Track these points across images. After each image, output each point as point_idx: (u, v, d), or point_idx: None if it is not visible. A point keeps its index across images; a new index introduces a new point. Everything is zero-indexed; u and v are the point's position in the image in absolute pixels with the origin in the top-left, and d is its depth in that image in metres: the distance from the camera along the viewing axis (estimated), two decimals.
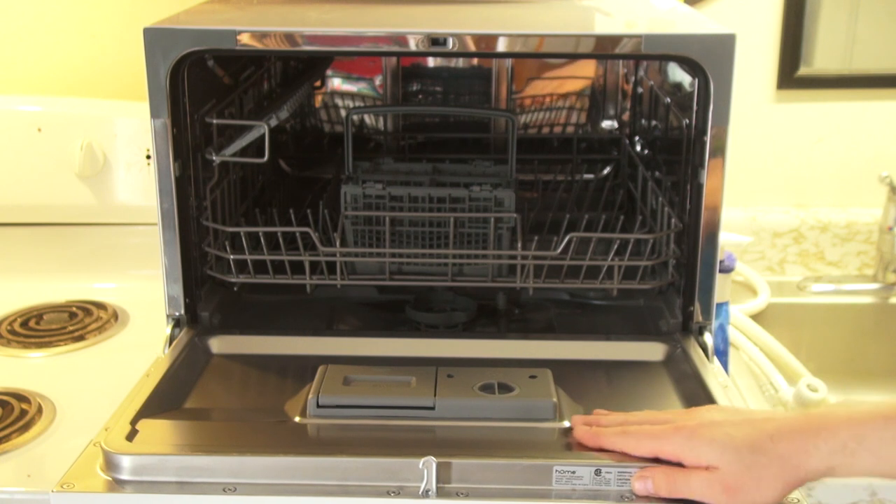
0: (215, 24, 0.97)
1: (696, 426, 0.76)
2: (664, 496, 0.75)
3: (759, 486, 0.72)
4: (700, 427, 0.76)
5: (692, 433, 0.75)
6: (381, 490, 0.77)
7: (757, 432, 0.73)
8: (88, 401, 1.08)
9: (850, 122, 1.62)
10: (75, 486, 0.77)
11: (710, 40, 0.93)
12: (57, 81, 1.52)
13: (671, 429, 0.77)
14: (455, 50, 0.94)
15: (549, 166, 1.46)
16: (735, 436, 0.74)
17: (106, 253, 1.46)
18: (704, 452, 0.74)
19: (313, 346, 1.04)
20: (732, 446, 0.73)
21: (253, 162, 1.14)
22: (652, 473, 0.76)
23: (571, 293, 1.19)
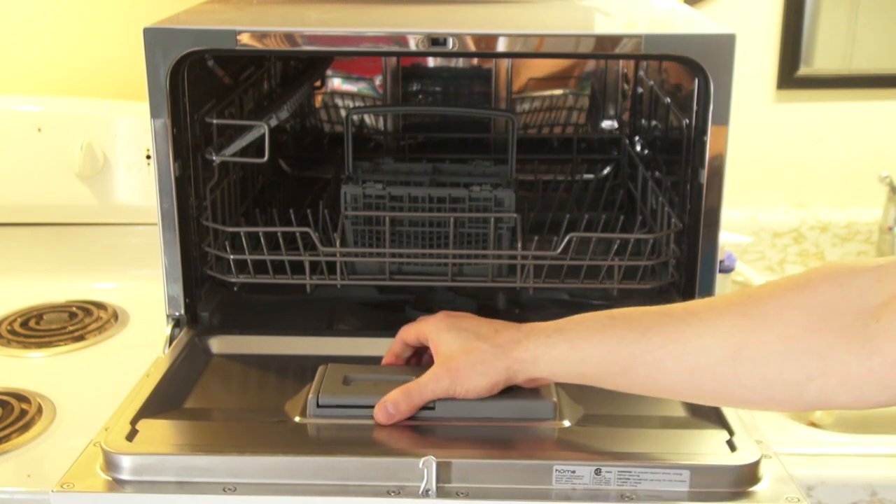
0: (215, 24, 0.97)
1: (454, 315, 0.86)
2: (406, 411, 0.82)
3: (473, 366, 0.81)
4: (452, 316, 0.86)
5: (444, 318, 0.85)
6: (381, 490, 0.77)
7: (489, 328, 0.83)
8: (88, 401, 1.08)
9: (850, 122, 1.62)
10: (75, 486, 0.77)
11: (710, 40, 0.93)
12: (57, 81, 1.52)
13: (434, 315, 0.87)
14: (455, 50, 0.94)
15: (549, 166, 1.46)
16: (472, 328, 0.83)
17: (106, 253, 1.46)
18: (445, 333, 0.83)
19: (313, 346, 1.04)
20: (464, 333, 0.82)
21: (253, 162, 1.14)
22: (388, 397, 0.83)
23: (571, 293, 1.19)
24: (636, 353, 0.75)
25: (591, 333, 0.77)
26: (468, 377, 0.81)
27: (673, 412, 0.91)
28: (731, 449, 0.80)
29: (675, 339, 0.73)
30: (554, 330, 0.79)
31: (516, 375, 0.80)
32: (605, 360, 0.76)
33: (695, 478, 0.77)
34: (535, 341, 0.79)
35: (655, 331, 0.74)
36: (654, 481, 0.77)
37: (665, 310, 0.76)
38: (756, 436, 0.82)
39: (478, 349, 0.81)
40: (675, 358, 0.73)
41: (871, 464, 1.05)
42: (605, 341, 0.76)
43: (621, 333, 0.76)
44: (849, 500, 1.03)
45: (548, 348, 0.78)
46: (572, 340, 0.77)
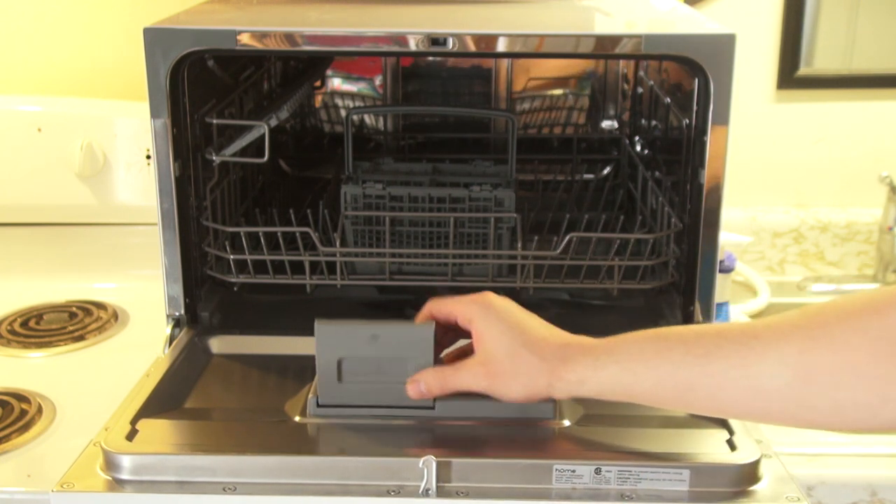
0: (215, 24, 0.97)
1: (496, 300, 0.82)
2: (437, 394, 0.82)
3: (515, 376, 0.79)
4: (500, 301, 0.82)
5: (490, 305, 0.81)
6: (381, 489, 0.77)
7: (535, 331, 0.80)
8: (88, 401, 1.08)
9: (850, 122, 1.62)
10: (75, 485, 0.77)
11: (710, 40, 0.93)
12: (57, 81, 1.52)
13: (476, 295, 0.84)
14: (455, 50, 0.94)
15: (549, 166, 1.46)
16: (519, 325, 0.80)
17: (106, 253, 1.46)
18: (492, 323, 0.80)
19: (313, 346, 1.04)
20: (511, 333, 0.79)
21: (253, 162, 1.14)
22: (423, 376, 0.82)
23: (571, 293, 1.19)
24: (694, 378, 0.73)
25: (645, 356, 0.75)
26: (508, 385, 0.79)
27: (673, 412, 0.91)
28: (731, 448, 0.80)
29: (736, 364, 0.71)
30: (603, 351, 0.77)
31: (557, 392, 0.79)
32: (660, 384, 0.74)
33: (695, 477, 0.77)
34: (583, 363, 0.77)
35: (716, 355, 0.72)
36: (654, 481, 0.77)
37: (721, 331, 0.74)
38: (756, 435, 0.82)
39: (523, 359, 0.78)
40: (737, 382, 0.71)
41: (871, 464, 1.05)
42: (660, 365, 0.74)
43: (678, 357, 0.73)
44: (849, 500, 1.03)
45: (596, 370, 0.76)
46: (623, 363, 0.75)
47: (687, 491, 0.77)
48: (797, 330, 0.70)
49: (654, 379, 0.74)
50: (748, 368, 0.71)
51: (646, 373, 0.74)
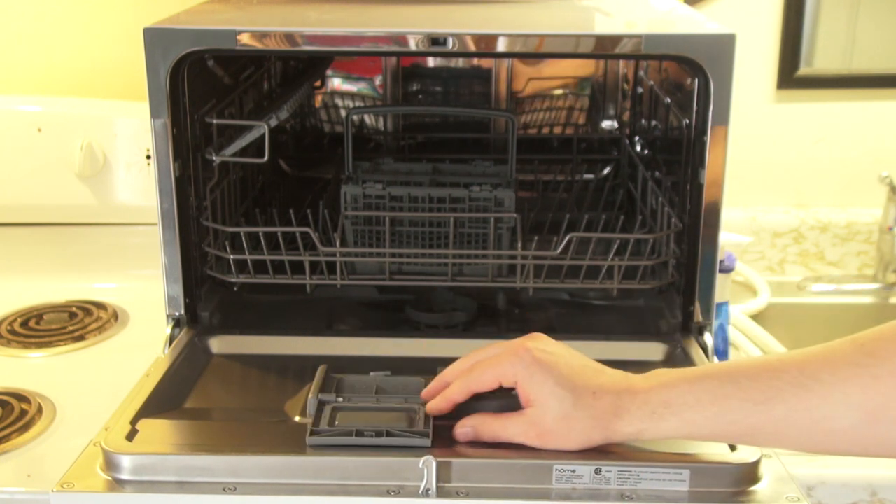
0: (215, 24, 0.97)
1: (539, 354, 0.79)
2: (485, 440, 0.80)
3: (568, 434, 0.77)
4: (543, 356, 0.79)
5: (533, 361, 0.79)
6: (381, 489, 0.76)
7: (584, 383, 0.78)
8: (88, 401, 1.08)
9: (850, 122, 1.62)
10: (75, 485, 0.77)
11: (710, 40, 0.93)
12: (57, 81, 1.52)
13: (508, 352, 0.80)
14: (455, 50, 0.94)
15: (549, 166, 1.46)
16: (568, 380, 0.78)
17: (106, 253, 1.46)
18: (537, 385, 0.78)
19: (313, 346, 1.04)
20: (560, 394, 0.77)
21: (253, 162, 1.14)
22: (471, 422, 0.81)
23: (571, 293, 1.19)
24: (757, 425, 0.72)
25: (702, 405, 0.74)
26: (561, 443, 0.78)
27: None
28: (731, 448, 0.80)
29: (798, 408, 0.70)
30: (659, 403, 0.75)
31: (613, 444, 0.78)
32: (722, 432, 0.74)
33: (695, 477, 0.77)
34: (638, 416, 0.75)
35: (776, 399, 0.71)
36: (654, 481, 0.77)
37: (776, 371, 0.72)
38: None
39: (575, 420, 0.77)
40: (801, 426, 0.71)
41: (871, 464, 1.05)
42: (720, 415, 0.73)
43: (737, 405, 0.73)
44: (849, 500, 1.03)
45: (653, 423, 0.75)
46: (682, 414, 0.74)
47: (687, 491, 0.77)
48: (857, 369, 0.69)
49: (714, 427, 0.74)
50: (812, 412, 0.70)
51: (705, 423, 0.74)
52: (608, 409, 0.76)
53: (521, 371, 0.79)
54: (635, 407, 0.76)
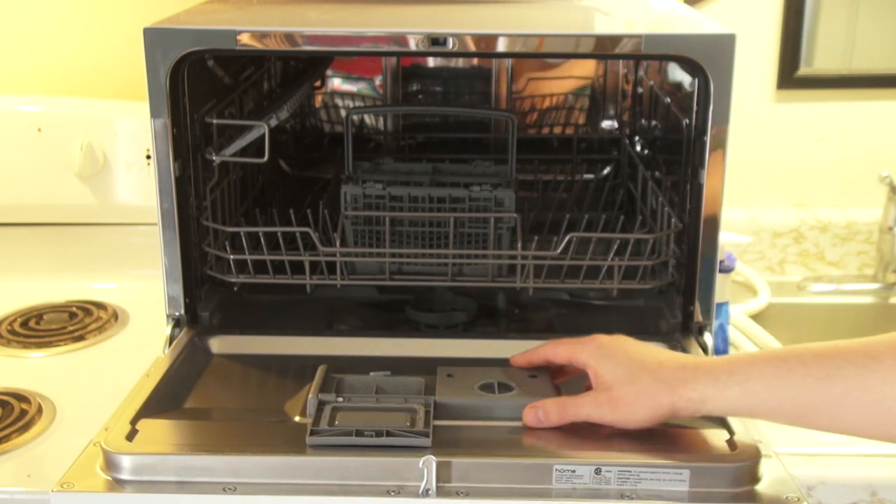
0: (215, 24, 0.97)
1: (606, 340, 0.86)
2: (555, 422, 0.83)
3: (637, 400, 0.80)
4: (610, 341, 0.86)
5: (602, 345, 0.85)
6: (381, 489, 0.76)
7: (651, 358, 0.82)
8: (88, 401, 1.08)
9: (850, 122, 1.62)
10: (75, 485, 0.77)
11: (710, 40, 0.93)
12: (57, 81, 1.52)
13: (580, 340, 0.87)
14: (455, 50, 0.94)
15: (549, 166, 1.46)
16: (633, 356, 0.83)
17: (106, 253, 1.46)
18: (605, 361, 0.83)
19: (313, 346, 1.04)
20: (628, 362, 0.82)
21: (253, 162, 1.14)
22: (543, 404, 0.84)
23: (571, 293, 1.19)
24: (817, 401, 0.74)
25: (766, 378, 0.76)
26: (631, 409, 0.80)
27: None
28: (731, 448, 0.80)
29: (859, 386, 0.72)
30: (723, 371, 0.78)
31: (680, 412, 0.79)
32: (782, 405, 0.75)
33: (695, 477, 0.77)
34: (703, 382, 0.78)
35: (837, 377, 0.73)
36: (654, 481, 0.77)
37: (840, 351, 0.74)
38: (756, 435, 0.82)
39: (642, 381, 0.80)
40: (860, 405, 0.72)
41: (871, 464, 1.05)
42: (781, 387, 0.75)
43: (799, 379, 0.74)
44: (849, 500, 1.03)
45: (717, 390, 0.77)
46: (744, 384, 0.76)
47: (687, 491, 0.77)
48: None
49: (776, 400, 0.75)
50: (871, 392, 0.71)
51: (767, 393, 0.75)
52: (674, 375, 0.79)
53: (592, 351, 0.85)
54: (700, 374, 0.78)
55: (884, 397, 0.71)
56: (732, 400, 0.77)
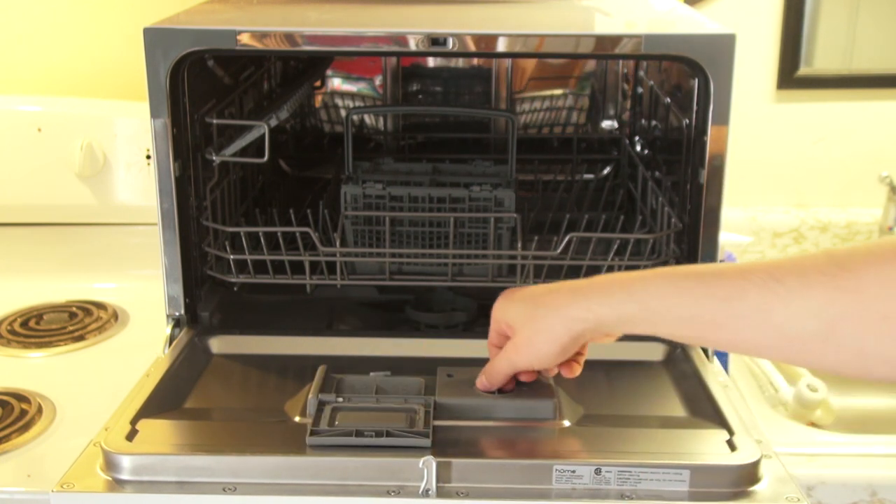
0: (215, 24, 0.97)
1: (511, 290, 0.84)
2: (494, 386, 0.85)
3: (536, 335, 0.79)
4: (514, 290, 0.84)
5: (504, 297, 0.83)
6: (381, 490, 0.76)
7: (544, 290, 0.80)
8: (88, 401, 1.08)
9: (850, 122, 1.62)
10: (75, 486, 0.77)
11: (710, 40, 0.93)
12: (57, 81, 1.52)
13: None
14: (455, 50, 0.94)
15: (549, 166, 1.46)
16: (530, 295, 0.81)
17: (106, 253, 1.46)
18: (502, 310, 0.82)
19: (313, 346, 1.04)
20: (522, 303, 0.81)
21: (253, 162, 1.14)
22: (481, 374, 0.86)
23: None
24: (718, 321, 0.71)
25: (664, 296, 0.73)
26: (533, 348, 0.79)
27: (673, 412, 0.91)
28: (731, 449, 0.80)
29: (759, 308, 0.69)
30: (619, 289, 0.75)
31: (580, 336, 0.77)
32: (682, 324, 0.73)
33: (695, 477, 0.77)
34: (597, 301, 0.76)
35: (740, 298, 0.70)
36: (654, 481, 0.77)
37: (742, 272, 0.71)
38: (756, 436, 0.82)
39: (536, 316, 0.79)
40: (759, 327, 0.69)
41: (871, 464, 1.05)
42: (680, 306, 0.72)
43: (699, 300, 0.71)
44: (849, 500, 1.03)
45: (612, 308, 0.75)
46: (642, 302, 0.74)
47: (687, 491, 0.77)
48: (823, 277, 0.67)
49: (675, 318, 0.73)
50: (771, 314, 0.69)
51: (666, 312, 0.73)
52: (564, 300, 0.77)
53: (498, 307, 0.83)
54: (593, 293, 0.76)
55: (785, 320, 0.68)
56: (630, 318, 0.75)
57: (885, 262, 0.66)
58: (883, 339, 0.65)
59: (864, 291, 0.66)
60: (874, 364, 0.67)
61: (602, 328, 0.77)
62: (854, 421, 1.49)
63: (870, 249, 0.67)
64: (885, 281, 0.65)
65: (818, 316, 0.67)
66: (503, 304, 0.83)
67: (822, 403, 1.35)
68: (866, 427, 1.49)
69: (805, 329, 0.68)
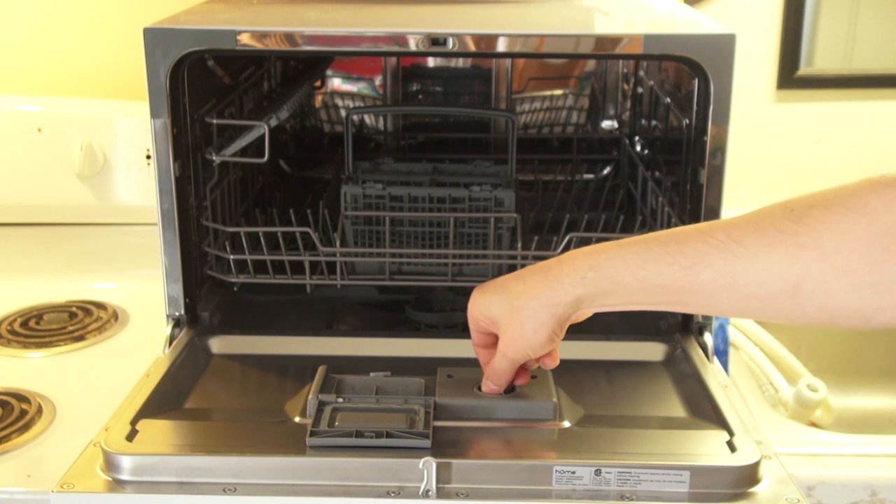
0: (215, 24, 0.97)
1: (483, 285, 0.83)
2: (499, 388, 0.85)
3: (523, 329, 0.78)
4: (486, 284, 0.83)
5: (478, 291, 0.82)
6: (381, 490, 0.77)
7: (511, 280, 0.79)
8: (88, 401, 1.08)
9: (850, 122, 1.62)
10: (75, 486, 0.77)
11: (710, 40, 0.93)
12: (57, 81, 1.52)
13: None
14: (455, 50, 0.94)
15: (549, 166, 1.46)
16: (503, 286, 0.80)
17: (106, 253, 1.46)
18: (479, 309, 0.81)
19: (313, 346, 1.04)
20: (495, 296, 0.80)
21: (253, 162, 1.14)
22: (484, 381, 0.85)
23: None
24: (687, 289, 0.71)
25: (632, 270, 0.73)
26: (524, 340, 0.79)
27: (673, 412, 0.91)
28: (731, 449, 0.80)
29: (724, 273, 0.69)
30: (588, 268, 0.75)
31: (564, 318, 0.78)
32: (654, 295, 0.73)
33: (695, 478, 0.77)
34: (569, 283, 0.75)
35: (704, 264, 0.70)
36: (654, 482, 0.77)
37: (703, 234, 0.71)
38: (756, 436, 0.82)
39: (519, 309, 0.78)
40: (727, 291, 0.70)
41: (871, 464, 1.05)
42: (649, 277, 0.72)
43: (666, 269, 0.72)
44: (849, 500, 1.03)
45: (587, 289, 0.75)
46: (613, 278, 0.74)
47: (687, 492, 0.77)
48: (782, 235, 0.68)
49: (646, 290, 0.73)
50: (737, 277, 0.69)
51: (637, 284, 0.73)
52: (541, 285, 0.77)
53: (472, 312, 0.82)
54: (564, 275, 0.76)
55: (749, 282, 0.68)
56: (605, 293, 0.75)
57: (843, 213, 0.66)
58: (846, 293, 0.66)
59: (821, 246, 0.66)
60: (840, 317, 0.67)
61: (584, 306, 0.77)
62: (854, 421, 1.49)
63: (828, 201, 0.67)
64: (844, 233, 0.65)
65: (781, 275, 0.67)
66: (478, 301, 0.82)
67: (822, 403, 1.35)
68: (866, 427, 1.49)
69: (771, 289, 0.68)
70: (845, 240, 0.65)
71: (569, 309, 0.77)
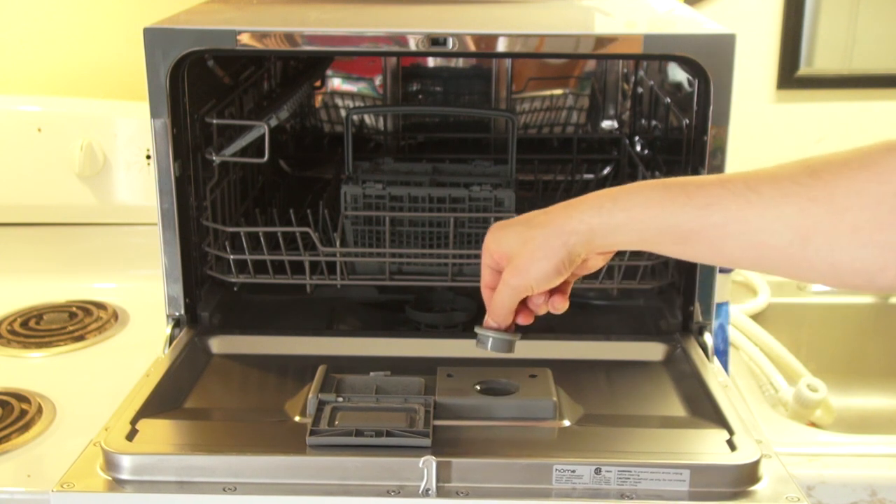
0: (215, 24, 0.97)
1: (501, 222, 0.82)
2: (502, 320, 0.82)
3: (533, 255, 0.77)
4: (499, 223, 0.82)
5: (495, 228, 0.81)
6: (381, 489, 0.77)
7: (537, 213, 0.79)
8: (88, 401, 1.08)
9: (850, 122, 1.62)
10: (75, 485, 0.77)
11: (710, 40, 0.93)
12: (57, 81, 1.52)
13: None
14: (455, 50, 0.95)
15: (549, 166, 1.46)
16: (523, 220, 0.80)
17: (106, 253, 1.46)
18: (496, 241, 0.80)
19: (313, 346, 1.04)
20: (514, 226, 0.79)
21: (253, 162, 1.14)
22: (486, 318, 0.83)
23: (571, 293, 1.18)
24: (696, 228, 0.72)
25: (649, 206, 0.74)
26: (531, 268, 0.78)
27: (673, 412, 0.91)
28: (731, 448, 0.80)
29: (736, 218, 0.70)
30: (607, 199, 0.76)
31: (576, 250, 0.77)
32: (665, 234, 0.73)
33: (695, 477, 0.77)
34: (588, 213, 0.76)
35: (716, 207, 0.71)
36: (654, 481, 0.77)
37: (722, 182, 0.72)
38: (756, 435, 0.82)
39: (532, 237, 0.78)
40: (737, 237, 0.70)
41: (871, 464, 1.05)
42: (663, 215, 0.73)
43: (680, 209, 0.72)
44: (849, 500, 1.03)
45: (602, 219, 0.75)
46: (629, 211, 0.74)
47: (687, 491, 0.77)
48: (798, 188, 0.68)
49: (658, 227, 0.73)
50: (747, 224, 0.70)
51: (650, 221, 0.73)
52: (558, 216, 0.77)
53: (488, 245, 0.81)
54: (584, 206, 0.76)
55: (759, 229, 0.69)
56: (618, 228, 0.75)
57: (857, 172, 0.67)
58: (854, 250, 0.66)
59: (833, 202, 0.66)
60: (846, 275, 0.67)
61: (594, 241, 0.76)
62: (854, 421, 1.48)
63: (845, 159, 0.68)
64: (856, 191, 0.66)
65: (792, 226, 0.68)
66: (497, 235, 0.81)
67: (822, 403, 1.35)
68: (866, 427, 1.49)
69: (781, 239, 0.68)
70: (856, 198, 0.66)
71: (581, 239, 0.76)
